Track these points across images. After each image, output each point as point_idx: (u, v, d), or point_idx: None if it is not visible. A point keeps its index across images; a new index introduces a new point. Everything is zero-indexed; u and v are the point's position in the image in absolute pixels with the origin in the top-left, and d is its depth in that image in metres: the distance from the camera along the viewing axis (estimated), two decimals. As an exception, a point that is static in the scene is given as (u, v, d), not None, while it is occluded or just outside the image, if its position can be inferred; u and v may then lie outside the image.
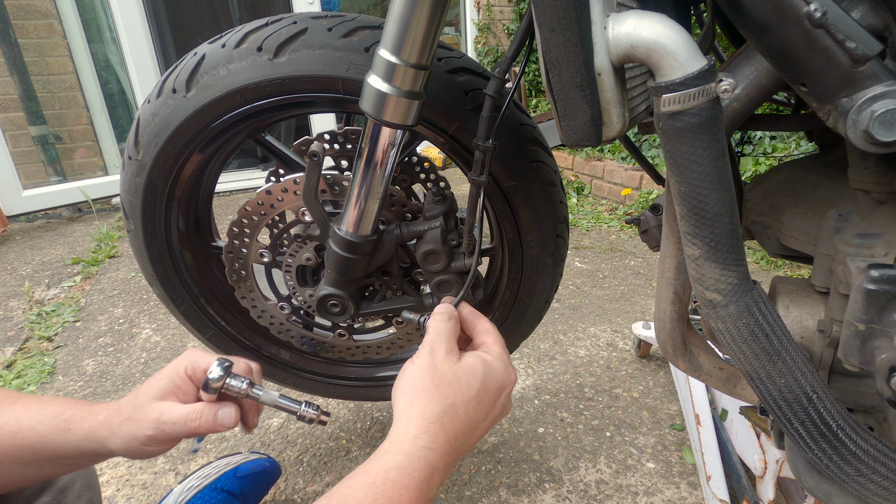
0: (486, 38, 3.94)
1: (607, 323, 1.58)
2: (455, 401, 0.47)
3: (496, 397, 0.49)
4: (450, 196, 0.74)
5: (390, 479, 0.40)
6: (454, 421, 0.46)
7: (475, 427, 0.47)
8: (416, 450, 0.43)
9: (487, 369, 0.50)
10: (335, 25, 0.67)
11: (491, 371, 0.50)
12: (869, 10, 0.41)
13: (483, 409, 0.48)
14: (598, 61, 0.41)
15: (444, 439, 0.45)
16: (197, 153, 0.75)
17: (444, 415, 0.46)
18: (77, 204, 2.84)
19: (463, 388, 0.47)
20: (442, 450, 0.44)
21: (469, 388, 0.48)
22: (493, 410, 0.49)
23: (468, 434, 0.47)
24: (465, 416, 0.46)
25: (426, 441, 0.44)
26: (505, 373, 0.51)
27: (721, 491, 0.88)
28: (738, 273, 0.46)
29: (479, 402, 0.48)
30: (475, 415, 0.47)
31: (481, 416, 0.48)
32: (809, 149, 2.19)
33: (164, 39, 3.21)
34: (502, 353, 0.53)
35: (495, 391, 0.49)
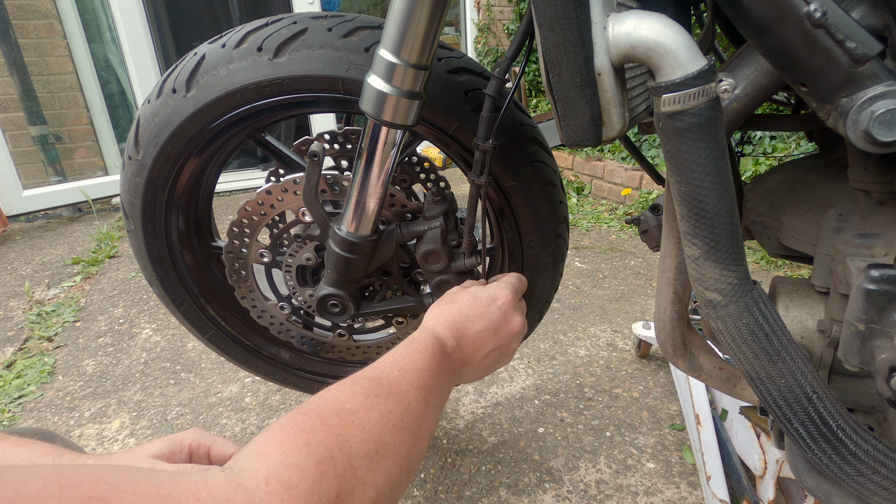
0: (486, 38, 3.94)
1: (607, 323, 1.58)
2: (452, 300, 0.63)
3: (489, 303, 0.63)
4: (450, 196, 0.74)
5: (406, 345, 0.53)
6: (451, 311, 0.61)
7: (472, 319, 0.61)
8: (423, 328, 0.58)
9: (482, 287, 0.66)
10: (335, 25, 0.67)
11: (485, 287, 0.65)
12: (869, 10, 0.41)
13: (476, 308, 0.62)
14: (598, 61, 0.41)
15: (444, 320, 0.60)
16: (197, 153, 0.75)
17: (443, 309, 0.62)
18: (77, 204, 2.84)
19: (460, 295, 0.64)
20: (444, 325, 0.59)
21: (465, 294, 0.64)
22: (487, 311, 0.62)
23: (465, 322, 0.60)
24: (460, 309, 0.61)
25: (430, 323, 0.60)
26: (497, 287, 0.65)
27: (721, 491, 0.88)
28: (738, 273, 0.46)
29: (472, 304, 0.62)
30: (469, 309, 0.61)
31: (476, 312, 0.61)
32: (809, 149, 2.19)
33: (164, 39, 3.21)
34: (501, 280, 0.68)
35: (487, 298, 0.63)
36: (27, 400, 1.29)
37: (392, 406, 0.44)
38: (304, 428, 0.37)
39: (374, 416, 0.42)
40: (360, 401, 0.43)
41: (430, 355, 0.52)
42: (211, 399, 1.27)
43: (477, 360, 0.61)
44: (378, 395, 0.44)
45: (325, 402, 0.42)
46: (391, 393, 0.45)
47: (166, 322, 1.66)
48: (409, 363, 0.50)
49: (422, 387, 0.49)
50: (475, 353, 0.61)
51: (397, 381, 0.47)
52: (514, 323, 0.63)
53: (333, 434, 0.38)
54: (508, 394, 1.26)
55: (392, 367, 0.49)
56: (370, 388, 0.45)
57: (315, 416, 0.39)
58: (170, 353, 1.48)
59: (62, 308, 1.76)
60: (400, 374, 0.48)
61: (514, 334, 0.64)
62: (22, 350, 1.51)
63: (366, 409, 0.42)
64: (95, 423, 1.20)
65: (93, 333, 1.61)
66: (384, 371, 0.48)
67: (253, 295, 0.86)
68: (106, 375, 1.38)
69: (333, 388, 0.44)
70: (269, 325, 0.90)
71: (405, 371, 0.49)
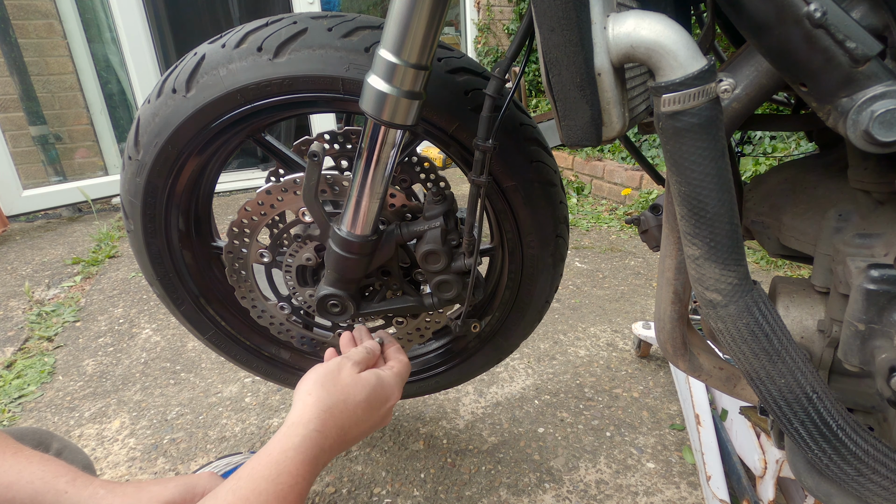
0: (486, 38, 3.94)
1: (607, 323, 1.58)
2: (346, 398, 0.57)
3: (381, 405, 0.60)
4: (450, 196, 0.74)
5: (289, 457, 0.49)
6: (343, 414, 0.55)
7: (360, 423, 0.57)
8: (309, 432, 0.52)
9: (380, 382, 0.61)
10: (335, 25, 0.67)
11: (382, 384, 0.61)
12: (869, 10, 0.41)
13: (368, 412, 0.58)
14: (598, 61, 0.41)
15: (333, 426, 0.54)
16: (197, 153, 0.75)
17: (334, 407, 0.55)
18: (77, 204, 2.84)
19: (356, 391, 0.58)
20: (330, 435, 0.54)
21: (361, 392, 0.58)
22: (374, 415, 0.59)
23: (353, 427, 0.56)
24: (353, 413, 0.56)
25: (317, 425, 0.53)
26: (392, 389, 0.62)
27: (721, 491, 0.88)
28: (738, 273, 0.46)
29: (367, 406, 0.58)
30: (362, 414, 0.57)
31: (366, 416, 0.58)
32: (809, 149, 2.19)
33: (164, 39, 3.21)
34: (398, 374, 0.64)
35: (381, 400, 0.60)
36: (27, 400, 1.29)
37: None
38: None
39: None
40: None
41: (307, 471, 0.50)
42: (211, 399, 1.27)
43: (341, 449, 0.59)
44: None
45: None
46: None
47: (166, 322, 1.66)
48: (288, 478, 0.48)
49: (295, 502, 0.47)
50: (350, 444, 0.58)
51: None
52: (389, 417, 0.63)
53: None
54: (508, 394, 1.26)
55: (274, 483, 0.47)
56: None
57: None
58: (170, 353, 1.48)
59: (62, 308, 1.76)
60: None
61: (383, 425, 0.63)
62: (22, 350, 1.51)
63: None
64: (95, 423, 1.20)
65: (93, 333, 1.61)
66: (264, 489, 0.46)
67: (253, 295, 0.86)
68: (106, 375, 1.38)
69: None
70: (269, 325, 0.90)
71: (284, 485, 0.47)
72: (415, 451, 1.09)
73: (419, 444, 1.10)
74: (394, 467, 1.04)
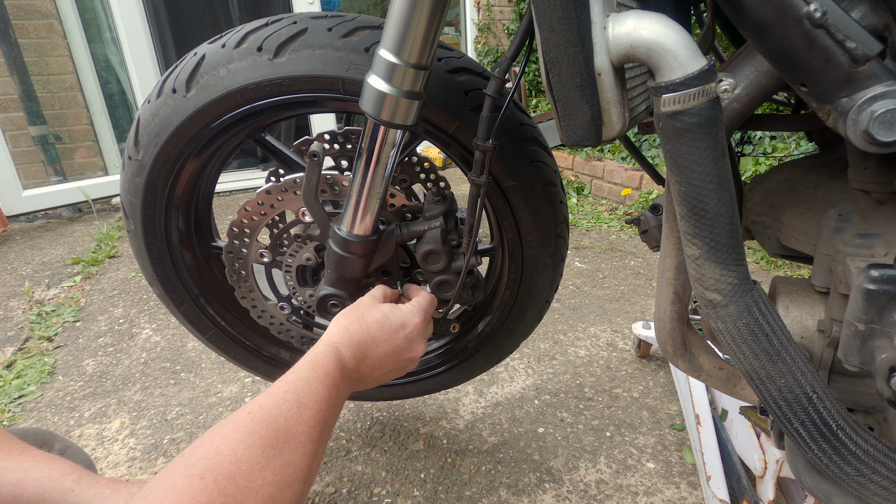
0: (486, 38, 3.94)
1: (607, 323, 1.58)
2: (361, 317, 0.62)
3: (397, 329, 0.63)
4: (450, 196, 0.74)
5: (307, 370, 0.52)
6: (359, 330, 0.60)
7: (378, 342, 0.61)
8: (328, 345, 0.56)
9: (394, 309, 0.65)
10: (335, 25, 0.67)
11: (397, 310, 0.65)
12: (869, 10, 0.41)
13: (384, 332, 0.62)
14: (598, 61, 0.41)
15: (350, 339, 0.58)
16: (197, 153, 0.75)
17: (351, 325, 0.60)
18: (77, 204, 2.84)
19: (371, 313, 0.63)
20: (348, 346, 0.58)
21: (376, 313, 0.63)
22: (394, 337, 0.62)
23: (371, 345, 0.60)
24: (367, 330, 0.61)
25: (336, 339, 0.58)
26: (409, 314, 0.65)
27: (721, 491, 0.88)
28: (738, 273, 0.46)
29: (381, 326, 0.62)
30: (377, 332, 0.61)
31: (383, 336, 0.61)
32: (809, 149, 2.19)
33: (164, 39, 3.21)
34: (416, 304, 0.67)
35: (397, 323, 0.63)
36: (27, 400, 1.29)
37: (287, 457, 0.44)
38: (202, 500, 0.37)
39: (269, 476, 0.42)
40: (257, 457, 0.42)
41: (330, 384, 0.51)
42: (211, 399, 1.27)
43: (371, 380, 0.61)
44: (274, 444, 0.44)
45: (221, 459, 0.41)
46: (287, 440, 0.45)
47: (166, 322, 1.66)
48: (308, 397, 0.49)
49: (318, 423, 0.48)
50: (372, 374, 0.61)
51: (294, 421, 0.46)
52: (416, 350, 0.65)
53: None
54: (508, 394, 1.26)
55: (291, 402, 0.48)
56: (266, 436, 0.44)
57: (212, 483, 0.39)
58: (170, 353, 1.48)
59: (62, 308, 1.76)
60: (298, 413, 0.47)
61: (414, 360, 0.65)
62: (22, 350, 1.51)
63: (261, 467, 0.42)
64: (95, 423, 1.20)
65: (93, 333, 1.61)
66: (282, 408, 0.47)
67: (253, 295, 0.86)
68: (106, 375, 1.38)
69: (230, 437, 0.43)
70: (269, 325, 0.89)
71: (304, 408, 0.48)
72: (415, 451, 1.09)
73: (419, 444, 1.10)
74: (394, 467, 1.04)
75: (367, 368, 0.60)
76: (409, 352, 0.64)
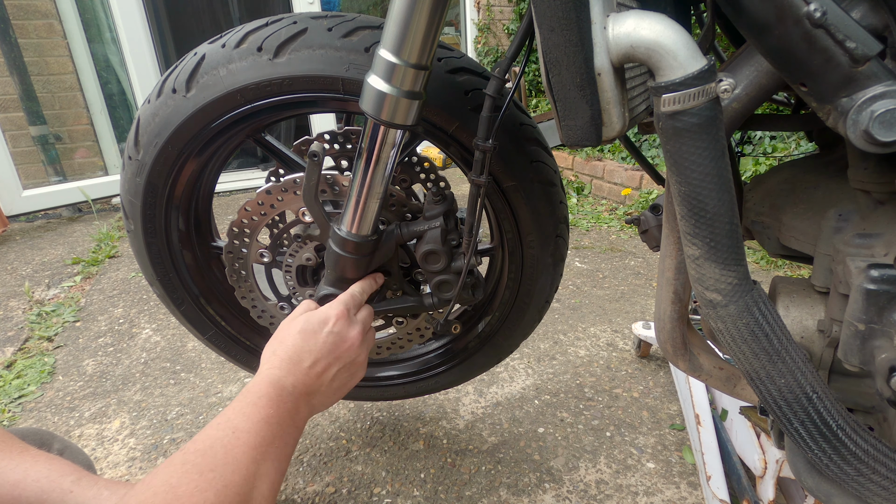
0: (486, 38, 3.94)
1: (607, 323, 1.58)
2: (282, 338, 0.61)
3: (320, 327, 0.61)
4: (450, 196, 0.74)
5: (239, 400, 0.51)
6: (283, 348, 0.59)
7: (306, 348, 0.59)
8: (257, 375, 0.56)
9: (313, 312, 0.63)
10: (335, 25, 0.67)
11: (316, 311, 0.64)
12: (869, 10, 0.41)
13: (309, 337, 0.60)
14: (598, 61, 0.41)
15: (279, 360, 0.58)
16: (197, 153, 0.75)
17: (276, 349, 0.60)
18: (77, 204, 2.84)
19: (290, 328, 0.62)
20: (277, 366, 0.57)
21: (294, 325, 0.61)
22: (319, 337, 0.61)
23: (300, 353, 0.59)
24: (293, 344, 0.59)
25: (265, 368, 0.57)
26: (327, 308, 0.64)
27: (721, 491, 0.88)
28: (738, 273, 0.46)
29: (304, 333, 0.60)
30: (302, 342, 0.60)
31: (309, 340, 0.60)
32: (809, 149, 2.19)
33: (164, 39, 3.21)
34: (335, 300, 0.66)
35: (318, 323, 0.62)
36: (27, 400, 1.29)
37: (228, 477, 0.43)
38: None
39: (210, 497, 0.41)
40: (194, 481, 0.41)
41: (266, 404, 0.51)
42: (211, 399, 1.27)
43: (325, 387, 0.60)
44: (213, 468, 0.43)
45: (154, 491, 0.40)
46: (226, 463, 0.44)
47: (166, 322, 1.66)
48: (244, 421, 0.48)
49: (260, 444, 0.47)
50: (319, 382, 0.60)
51: (232, 446, 0.45)
52: (350, 339, 0.63)
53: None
54: (508, 394, 1.26)
55: (226, 430, 0.47)
56: (202, 463, 0.43)
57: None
58: (170, 353, 1.48)
59: (62, 308, 1.76)
60: (234, 437, 0.46)
61: (354, 349, 0.63)
62: (22, 350, 1.51)
63: (200, 489, 0.41)
64: (95, 423, 1.20)
65: (93, 333, 1.61)
66: (217, 437, 0.46)
67: (253, 295, 0.86)
68: (106, 375, 1.38)
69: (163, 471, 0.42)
70: (270, 325, 0.89)
71: (240, 431, 0.47)
72: (415, 451, 1.09)
73: (419, 444, 1.10)
74: (394, 467, 1.04)
75: (309, 379, 0.58)
76: (343, 343, 0.62)
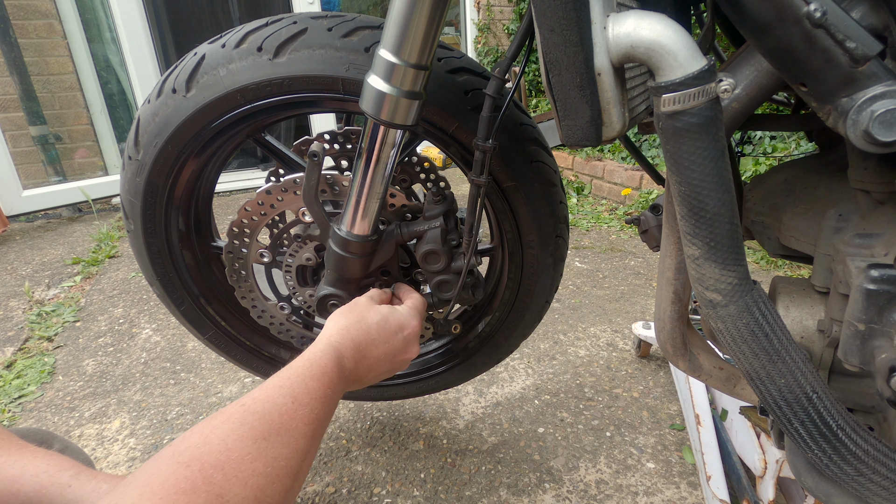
0: (486, 38, 3.94)
1: (607, 323, 1.58)
2: (361, 319, 0.61)
3: (396, 331, 0.63)
4: (450, 196, 0.74)
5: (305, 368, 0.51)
6: (359, 331, 0.60)
7: (377, 344, 0.61)
8: (327, 345, 0.56)
9: (393, 311, 0.65)
10: (335, 25, 0.67)
11: (395, 311, 0.65)
12: (869, 10, 0.41)
13: (383, 334, 0.62)
14: (598, 61, 0.41)
15: (350, 340, 0.58)
16: (197, 153, 0.75)
17: (351, 326, 0.60)
18: (77, 204, 2.84)
19: (370, 314, 0.63)
20: (348, 346, 0.57)
21: (375, 315, 0.63)
22: (392, 339, 0.62)
23: (370, 346, 0.60)
24: (367, 332, 0.61)
25: (336, 340, 0.57)
26: (407, 316, 0.66)
27: (721, 491, 0.88)
28: (738, 273, 0.46)
29: (381, 328, 0.62)
30: (376, 334, 0.61)
31: (382, 338, 0.62)
32: (809, 149, 2.19)
33: (164, 39, 3.21)
34: (411, 306, 0.69)
35: (395, 325, 0.64)
36: (27, 400, 1.29)
37: (279, 450, 0.43)
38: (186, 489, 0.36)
39: (259, 467, 0.41)
40: (247, 447, 0.41)
41: (326, 382, 0.51)
42: (211, 399, 1.27)
43: (365, 380, 0.61)
44: (267, 437, 0.43)
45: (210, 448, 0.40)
46: (280, 433, 0.44)
47: (166, 322, 1.66)
48: (304, 393, 0.48)
49: (313, 421, 0.48)
50: (367, 375, 0.61)
51: (289, 416, 0.46)
52: (411, 352, 0.66)
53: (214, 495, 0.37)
54: (508, 394, 1.26)
55: (287, 398, 0.47)
56: (259, 428, 0.43)
57: (198, 471, 0.38)
58: (170, 353, 1.48)
59: (62, 308, 1.76)
60: (293, 408, 0.47)
61: (407, 362, 0.66)
62: (22, 350, 1.51)
63: (251, 457, 0.41)
64: (95, 423, 1.20)
65: (93, 333, 1.61)
66: (277, 402, 0.46)
67: (253, 295, 0.86)
68: (106, 375, 1.38)
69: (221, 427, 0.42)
70: (269, 325, 0.90)
71: (298, 403, 0.47)
72: (415, 451, 1.09)
73: (419, 444, 1.10)
74: (394, 467, 1.04)
75: (363, 369, 0.60)
76: (404, 353, 0.64)
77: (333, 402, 0.52)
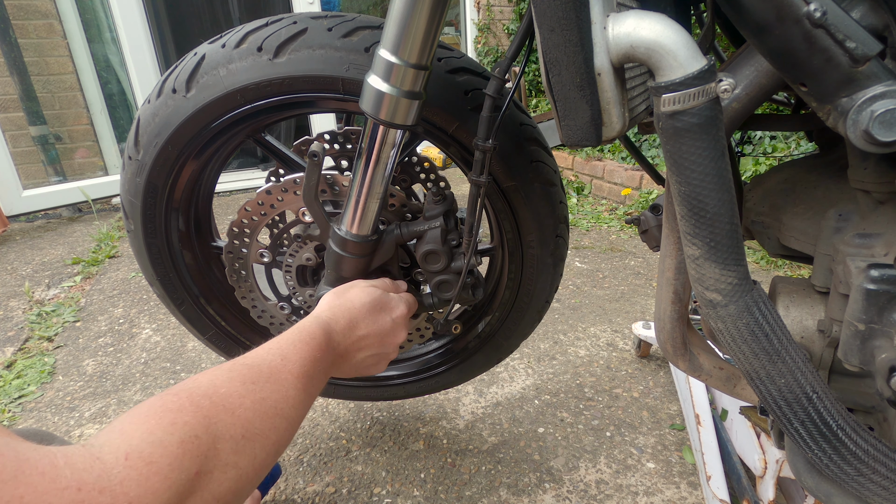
0: (486, 38, 3.94)
1: (607, 323, 1.58)
2: (353, 297, 0.64)
3: (385, 311, 0.65)
4: (450, 196, 0.74)
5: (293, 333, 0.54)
6: (349, 308, 0.62)
7: (365, 318, 0.63)
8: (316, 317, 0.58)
9: (384, 293, 0.67)
10: (335, 25, 0.67)
11: (387, 294, 0.67)
12: (869, 10, 0.41)
13: (373, 314, 0.64)
14: (598, 61, 0.41)
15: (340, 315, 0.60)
16: (197, 153, 0.75)
17: (342, 303, 0.62)
18: (77, 204, 2.84)
19: (362, 294, 0.65)
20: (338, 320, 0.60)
21: (366, 295, 0.65)
22: (381, 318, 0.64)
23: (358, 318, 0.62)
24: (360, 310, 0.63)
25: (327, 314, 0.60)
26: (395, 301, 0.68)
27: (721, 491, 0.88)
28: (738, 273, 0.46)
29: (371, 308, 0.64)
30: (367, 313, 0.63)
31: (371, 317, 0.63)
32: (809, 149, 2.19)
33: (164, 39, 3.21)
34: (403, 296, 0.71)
35: (385, 305, 0.66)
36: (27, 400, 1.29)
37: (268, 394, 0.45)
38: (172, 408, 0.38)
39: (247, 403, 0.43)
40: (236, 386, 0.43)
41: (315, 346, 0.53)
42: (211, 399, 1.27)
43: (356, 360, 0.63)
44: (255, 381, 0.45)
45: (198, 384, 0.42)
46: (269, 381, 0.46)
47: (166, 322, 1.66)
48: (293, 352, 0.51)
49: (302, 375, 0.50)
50: (357, 352, 0.62)
51: (278, 369, 0.48)
52: (399, 336, 0.67)
53: (201, 416, 0.39)
54: (508, 394, 1.26)
55: (275, 354, 0.49)
56: (248, 374, 0.45)
57: (185, 398, 0.39)
58: (170, 353, 1.48)
59: (62, 308, 1.76)
60: (282, 363, 0.49)
61: (395, 346, 0.67)
62: (22, 350, 1.51)
63: (239, 394, 0.43)
64: (95, 423, 1.20)
65: (93, 333, 1.61)
66: (266, 358, 0.48)
67: (253, 295, 0.86)
68: (106, 375, 1.38)
69: (210, 372, 0.44)
70: (269, 325, 0.89)
71: (287, 360, 0.49)
72: (415, 451, 1.09)
73: (419, 444, 1.10)
74: (394, 467, 1.04)
75: (352, 345, 0.61)
76: (392, 336, 0.66)
77: (323, 366, 0.54)
